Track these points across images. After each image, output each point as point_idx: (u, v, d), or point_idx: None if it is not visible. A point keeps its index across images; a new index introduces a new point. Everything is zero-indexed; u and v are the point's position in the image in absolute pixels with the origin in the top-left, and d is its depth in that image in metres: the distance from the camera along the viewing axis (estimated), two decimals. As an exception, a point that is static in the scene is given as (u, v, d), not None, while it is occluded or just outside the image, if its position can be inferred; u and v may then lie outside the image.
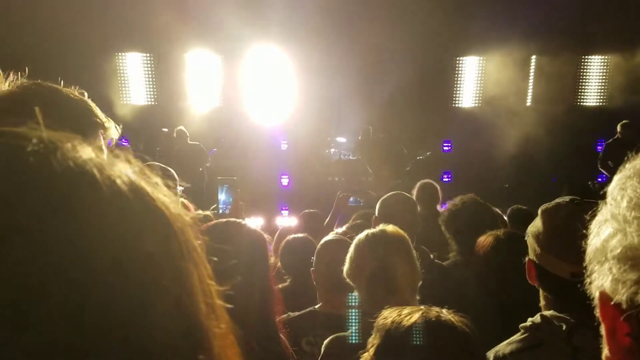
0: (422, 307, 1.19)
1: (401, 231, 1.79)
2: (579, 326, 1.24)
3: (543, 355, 1.26)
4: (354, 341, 1.57)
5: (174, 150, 7.73)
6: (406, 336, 1.12)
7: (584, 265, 1.21)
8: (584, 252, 1.22)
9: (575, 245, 1.25)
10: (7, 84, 1.04)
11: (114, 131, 1.10)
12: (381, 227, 1.79)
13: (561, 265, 1.29)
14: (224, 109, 8.80)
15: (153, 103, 8.71)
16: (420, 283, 1.72)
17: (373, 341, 1.19)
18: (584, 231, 1.23)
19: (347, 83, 8.25)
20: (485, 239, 1.99)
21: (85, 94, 1.11)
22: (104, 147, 1.07)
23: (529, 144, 7.83)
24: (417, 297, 1.69)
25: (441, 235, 2.77)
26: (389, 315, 1.19)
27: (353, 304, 1.71)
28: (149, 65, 8.66)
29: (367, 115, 8.57)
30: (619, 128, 7.39)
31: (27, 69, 1.09)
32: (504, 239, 1.92)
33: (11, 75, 1.05)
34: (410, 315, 1.16)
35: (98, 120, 1.08)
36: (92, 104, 1.10)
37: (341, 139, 9.29)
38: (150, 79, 8.70)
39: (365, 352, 1.21)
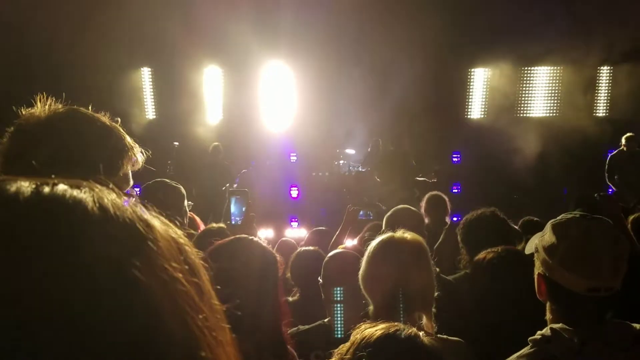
0: (398, 325, 1.14)
1: (420, 238, 1.71)
2: (591, 340, 1.25)
3: None
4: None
5: (203, 165, 7.78)
6: (372, 354, 1.08)
7: (602, 280, 1.23)
8: (599, 267, 1.24)
9: (591, 260, 1.28)
10: (41, 107, 1.03)
11: (139, 156, 1.12)
12: (399, 234, 1.70)
13: (577, 280, 1.30)
14: (234, 122, 8.89)
15: (163, 117, 8.83)
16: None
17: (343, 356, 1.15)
18: (599, 247, 1.25)
19: (356, 95, 8.30)
20: (484, 255, 1.99)
21: (119, 120, 1.13)
22: (129, 174, 1.10)
23: (539, 154, 7.80)
24: (433, 310, 1.64)
25: (449, 248, 2.78)
26: (362, 329, 1.15)
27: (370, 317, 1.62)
28: (159, 80, 8.80)
29: (377, 127, 8.60)
30: (623, 141, 7.34)
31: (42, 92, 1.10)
32: (504, 256, 1.92)
33: (45, 98, 1.05)
34: (383, 330, 1.11)
35: (127, 147, 1.10)
36: (122, 131, 1.12)
37: (350, 151, 9.32)
38: (161, 94, 8.83)
39: None
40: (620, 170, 7.35)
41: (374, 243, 1.70)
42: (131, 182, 1.15)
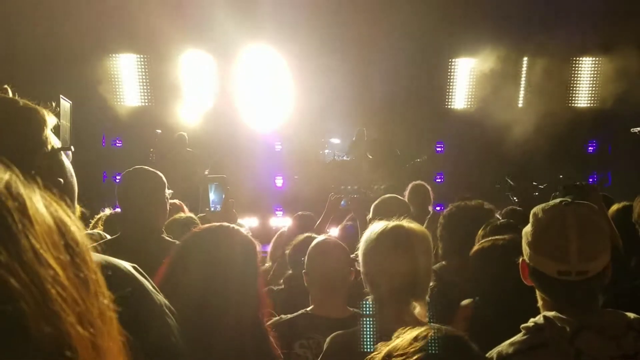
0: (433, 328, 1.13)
1: (414, 224, 1.66)
2: (583, 329, 1.26)
3: (547, 357, 1.28)
4: (361, 343, 1.51)
5: (169, 154, 7.68)
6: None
7: (570, 263, 1.24)
8: (567, 250, 1.26)
9: (559, 243, 1.29)
10: None
11: (51, 119, 1.05)
12: (406, 223, 1.64)
13: (547, 263, 1.32)
14: (217, 109, 8.79)
15: (147, 104, 8.68)
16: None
17: None
18: (568, 230, 1.26)
19: (341, 84, 8.26)
20: (482, 245, 2.00)
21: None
22: (52, 140, 1.04)
23: (520, 145, 7.88)
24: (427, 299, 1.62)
25: (433, 238, 2.78)
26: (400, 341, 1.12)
27: (367, 308, 1.60)
28: (142, 66, 8.63)
29: (362, 116, 8.59)
30: None
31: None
32: (500, 246, 1.93)
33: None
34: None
35: (28, 107, 1.04)
36: (19, 99, 1.05)
37: (335, 140, 9.31)
38: (144, 80, 8.67)
39: None
40: None
41: (376, 231, 1.63)
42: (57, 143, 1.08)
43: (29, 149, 1.01)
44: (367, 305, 1.59)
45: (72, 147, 1.14)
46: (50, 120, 1.06)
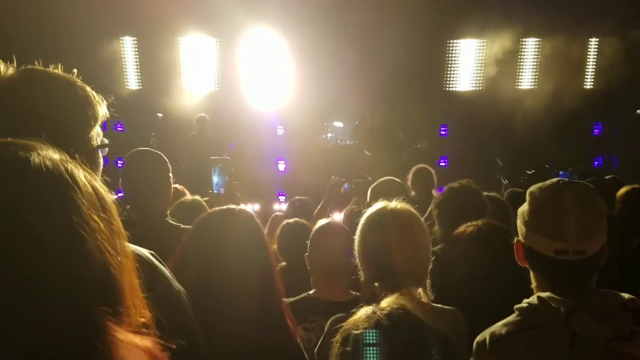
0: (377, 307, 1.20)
1: (410, 207, 1.64)
2: (577, 310, 1.24)
3: (540, 337, 1.27)
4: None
5: (190, 138, 7.62)
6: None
7: (568, 242, 1.22)
8: (564, 228, 1.24)
9: (557, 222, 1.27)
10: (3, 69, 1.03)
11: (104, 109, 1.11)
12: (391, 204, 1.62)
13: (544, 242, 1.30)
14: (219, 93, 8.73)
15: (147, 88, 8.63)
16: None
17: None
18: (566, 209, 1.24)
19: (344, 67, 8.18)
20: (465, 229, 1.99)
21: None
22: (99, 131, 1.08)
23: (525, 127, 7.82)
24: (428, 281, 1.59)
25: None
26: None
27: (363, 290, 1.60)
28: (142, 49, 8.55)
29: (365, 99, 8.51)
30: None
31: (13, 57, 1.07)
32: (484, 230, 1.92)
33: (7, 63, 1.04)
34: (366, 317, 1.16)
35: (90, 95, 1.10)
36: (88, 88, 1.11)
37: (338, 124, 9.25)
38: (144, 64, 8.60)
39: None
40: None
41: (367, 213, 1.65)
42: (100, 138, 1.15)
43: (79, 143, 1.07)
44: (364, 288, 1.59)
45: (108, 145, 1.20)
46: (103, 114, 1.13)
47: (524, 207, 1.40)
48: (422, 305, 1.48)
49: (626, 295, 1.28)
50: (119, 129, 8.58)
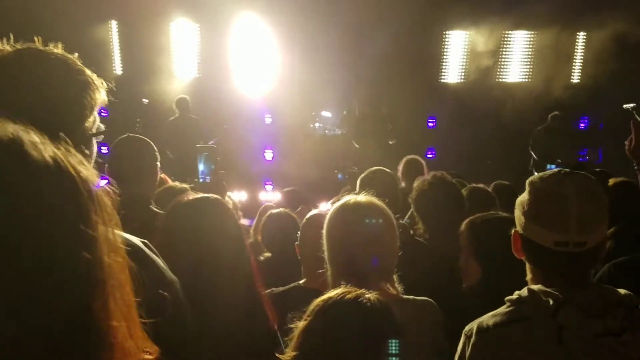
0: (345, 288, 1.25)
1: (377, 200, 1.62)
2: (566, 303, 1.22)
3: (527, 330, 1.25)
4: None
5: (166, 121, 7.47)
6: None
7: (569, 233, 1.20)
8: (566, 220, 1.21)
9: (558, 213, 1.24)
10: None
11: (103, 95, 1.06)
12: (354, 198, 1.61)
13: (544, 233, 1.27)
14: (205, 80, 8.61)
15: (131, 73, 8.46)
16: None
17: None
18: (568, 200, 1.22)
19: (332, 56, 8.12)
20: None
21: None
22: (95, 112, 1.03)
23: (513, 120, 7.86)
24: (396, 273, 1.59)
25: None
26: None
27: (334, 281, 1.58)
28: (129, 34, 8.38)
29: (353, 89, 8.47)
30: (549, 119, 7.64)
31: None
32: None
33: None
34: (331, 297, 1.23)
35: (89, 79, 1.03)
36: (88, 72, 1.07)
37: (326, 114, 9.20)
38: (129, 49, 8.43)
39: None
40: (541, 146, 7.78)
41: (332, 208, 1.64)
42: (97, 124, 1.11)
43: (76, 130, 1.03)
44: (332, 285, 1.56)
45: (103, 134, 1.16)
46: (102, 99, 1.08)
47: (523, 197, 1.35)
48: (389, 295, 1.47)
49: (622, 291, 1.26)
50: (102, 114, 8.42)
